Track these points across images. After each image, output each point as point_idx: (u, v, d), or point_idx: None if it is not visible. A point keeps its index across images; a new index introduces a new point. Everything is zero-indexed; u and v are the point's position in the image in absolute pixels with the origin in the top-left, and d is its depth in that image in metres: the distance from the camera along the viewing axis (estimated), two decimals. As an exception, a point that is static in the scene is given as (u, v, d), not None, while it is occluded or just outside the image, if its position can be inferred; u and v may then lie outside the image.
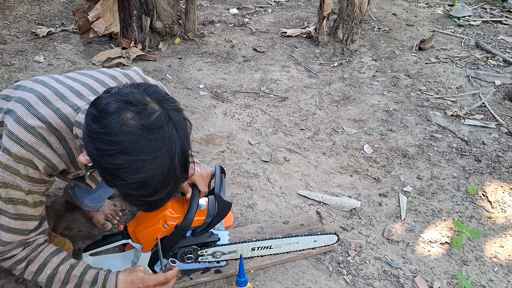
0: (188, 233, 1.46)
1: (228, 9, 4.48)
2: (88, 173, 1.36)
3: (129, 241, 1.46)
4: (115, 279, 1.33)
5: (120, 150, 1.00)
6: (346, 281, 1.64)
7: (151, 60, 3.34)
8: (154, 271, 1.54)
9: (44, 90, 1.25)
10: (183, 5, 3.83)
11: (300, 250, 1.65)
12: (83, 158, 1.13)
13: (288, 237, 1.58)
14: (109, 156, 1.01)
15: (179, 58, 3.41)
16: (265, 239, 1.55)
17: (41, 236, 1.31)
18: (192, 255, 1.48)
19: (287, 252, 1.63)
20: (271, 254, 1.62)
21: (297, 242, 1.61)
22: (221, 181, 1.46)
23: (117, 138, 1.00)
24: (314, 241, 1.65)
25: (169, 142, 1.04)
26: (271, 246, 1.57)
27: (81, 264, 1.33)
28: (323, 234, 1.66)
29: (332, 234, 1.67)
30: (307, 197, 2.06)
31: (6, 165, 1.17)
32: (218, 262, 1.57)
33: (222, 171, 1.52)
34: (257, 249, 1.56)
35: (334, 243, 1.71)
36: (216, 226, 1.48)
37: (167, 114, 1.05)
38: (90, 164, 1.25)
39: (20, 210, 1.22)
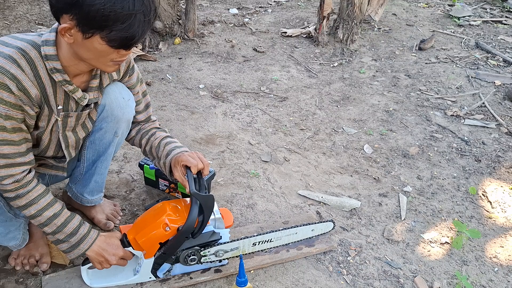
0: None
1: (228, 9, 4.49)
2: (63, 113, 1.36)
3: (130, 249, 1.45)
4: (91, 243, 1.43)
5: None
6: (346, 281, 1.64)
7: (151, 60, 3.34)
8: (157, 277, 1.53)
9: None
10: (183, 5, 3.83)
11: (299, 241, 1.68)
12: (63, 24, 1.16)
13: (287, 228, 1.61)
14: None
15: (179, 58, 3.41)
16: (266, 233, 1.57)
17: (28, 167, 1.32)
18: (195, 257, 1.48)
19: (286, 244, 1.66)
20: (272, 248, 1.64)
21: (296, 233, 1.63)
22: (193, 179, 1.42)
23: None
24: (312, 230, 1.68)
25: None
26: (271, 239, 1.59)
27: (63, 214, 1.39)
28: (320, 222, 1.70)
29: (329, 221, 1.71)
30: (307, 197, 2.06)
31: None
32: (220, 261, 1.57)
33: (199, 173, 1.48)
34: (258, 244, 1.58)
35: (331, 230, 1.74)
36: (216, 225, 1.48)
37: None
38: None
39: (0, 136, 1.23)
